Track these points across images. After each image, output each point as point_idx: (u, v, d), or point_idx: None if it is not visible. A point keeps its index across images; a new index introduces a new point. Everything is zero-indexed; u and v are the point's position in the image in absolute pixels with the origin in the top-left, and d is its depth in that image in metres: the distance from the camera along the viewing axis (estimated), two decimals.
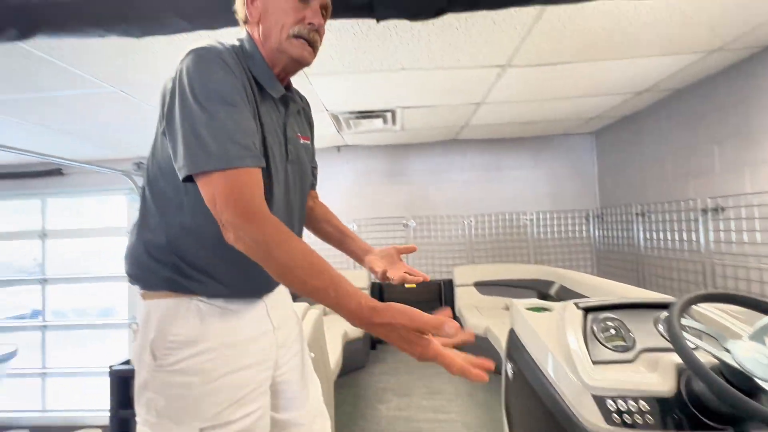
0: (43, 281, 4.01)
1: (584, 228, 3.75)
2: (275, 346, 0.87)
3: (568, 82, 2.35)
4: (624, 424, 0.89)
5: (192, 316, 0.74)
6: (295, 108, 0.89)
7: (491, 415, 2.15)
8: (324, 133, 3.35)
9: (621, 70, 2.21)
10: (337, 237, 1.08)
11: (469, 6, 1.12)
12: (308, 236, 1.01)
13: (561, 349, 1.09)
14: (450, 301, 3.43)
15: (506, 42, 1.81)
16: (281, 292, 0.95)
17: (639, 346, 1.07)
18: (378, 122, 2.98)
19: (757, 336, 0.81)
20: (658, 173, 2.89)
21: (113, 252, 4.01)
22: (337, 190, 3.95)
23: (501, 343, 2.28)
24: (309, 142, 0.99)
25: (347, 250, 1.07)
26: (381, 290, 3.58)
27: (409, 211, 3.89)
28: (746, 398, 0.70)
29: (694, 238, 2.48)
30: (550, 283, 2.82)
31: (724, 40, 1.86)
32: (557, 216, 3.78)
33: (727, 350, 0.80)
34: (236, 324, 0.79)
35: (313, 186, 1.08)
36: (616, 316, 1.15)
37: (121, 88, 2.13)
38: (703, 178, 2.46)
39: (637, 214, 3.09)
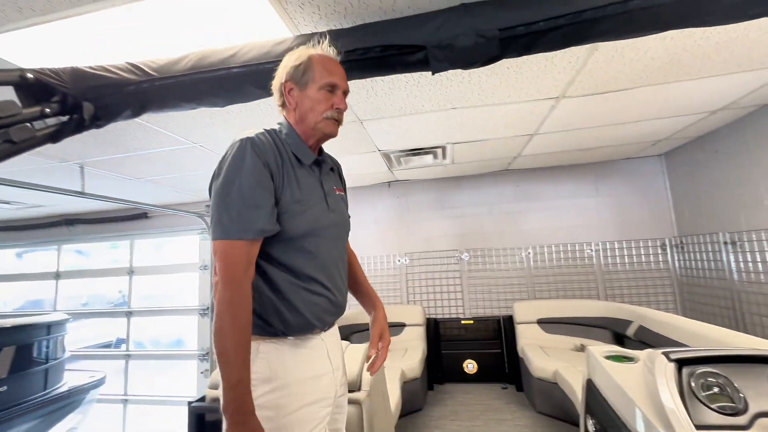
0: (129, 313, 4.46)
1: (660, 258, 3.39)
2: (335, 385, 0.98)
3: (629, 107, 2.23)
4: None
5: (267, 357, 0.87)
6: (327, 167, 1.06)
7: None
8: (375, 171, 3.46)
9: (690, 91, 2.06)
10: (354, 287, 1.22)
11: (523, 51, 1.14)
12: None
13: (653, 407, 0.97)
14: (511, 340, 3.22)
15: (560, 76, 1.79)
16: (336, 334, 1.06)
17: (753, 409, 0.92)
18: (428, 158, 3.02)
19: None
20: (746, 196, 2.57)
21: (187, 286, 4.37)
22: (387, 225, 4.00)
23: (573, 389, 2.08)
24: (343, 194, 1.13)
25: (363, 300, 1.22)
26: (437, 325, 3.47)
27: (462, 244, 3.81)
28: None
29: None
30: (627, 323, 2.55)
31: None
32: (627, 246, 3.47)
33: None
34: (305, 361, 0.91)
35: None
36: (719, 371, 1.00)
37: (200, 144, 2.41)
38: None
39: (725, 243, 2.74)
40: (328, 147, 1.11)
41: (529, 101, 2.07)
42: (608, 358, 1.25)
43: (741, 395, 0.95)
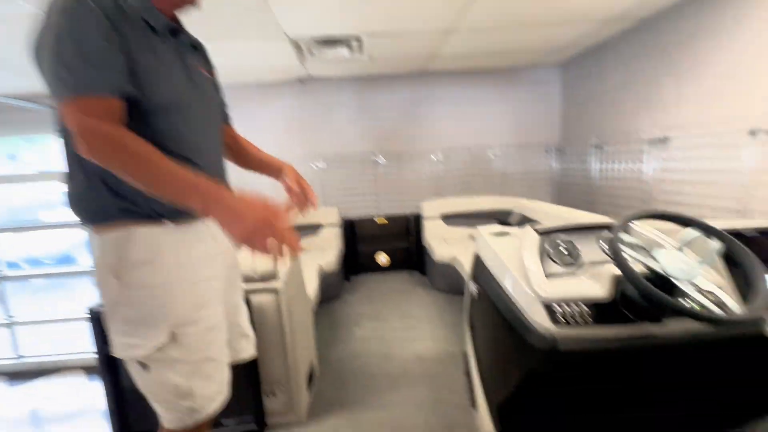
0: None
1: (545, 162, 3.93)
2: (225, 265, 0.99)
3: (539, 6, 2.27)
4: (567, 323, 1.06)
5: (148, 240, 0.82)
6: (186, 40, 0.92)
7: (456, 330, 2.42)
8: (285, 63, 3.10)
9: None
10: (250, 161, 1.17)
11: None
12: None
13: (519, 267, 1.22)
14: (419, 234, 3.61)
15: None
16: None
17: (584, 261, 1.22)
18: (343, 51, 2.78)
19: (683, 246, 0.95)
20: (617, 106, 3.00)
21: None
22: (301, 125, 3.79)
23: (465, 268, 2.49)
24: (212, 77, 1.03)
25: (265, 170, 1.17)
26: (353, 225, 3.66)
27: (378, 147, 3.86)
28: (667, 296, 0.85)
29: (641, 168, 2.69)
30: (510, 213, 3.02)
31: None
32: (521, 150, 3.90)
33: (655, 259, 0.94)
34: (187, 243, 0.88)
35: (226, 121, 1.12)
36: (567, 237, 1.28)
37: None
38: (656, 111, 2.59)
39: (593, 146, 3.26)
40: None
41: None
42: (492, 234, 1.49)
43: (578, 252, 1.24)
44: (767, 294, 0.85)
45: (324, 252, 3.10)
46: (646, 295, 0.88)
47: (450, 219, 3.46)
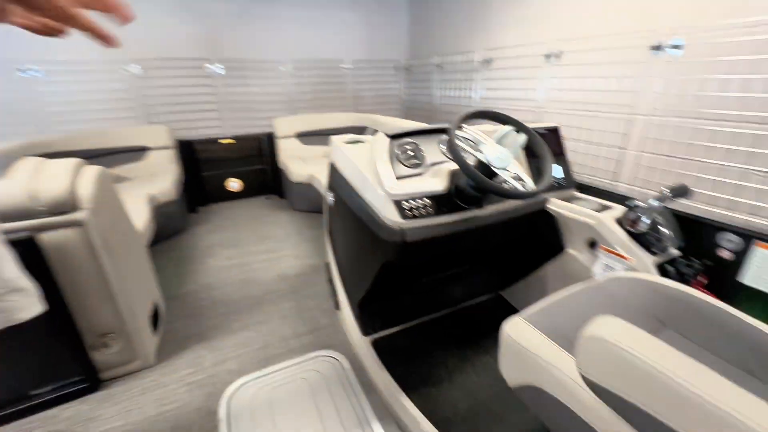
0: None
1: (395, 80, 4.03)
2: None
3: None
4: (413, 216, 1.17)
5: None
6: None
7: (318, 244, 2.47)
8: None
9: None
10: None
11: None
12: None
13: (372, 171, 1.25)
14: (274, 155, 3.35)
15: None
16: None
17: (428, 162, 1.34)
18: None
19: (499, 140, 1.12)
20: (454, 27, 3.20)
21: None
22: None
23: (321, 185, 2.48)
24: None
25: None
26: (192, 148, 3.11)
27: (213, 54, 3.19)
28: (488, 179, 1.01)
29: (471, 88, 3.04)
30: (364, 129, 3.06)
31: None
32: (372, 67, 3.87)
33: (481, 152, 1.09)
34: None
35: None
36: (414, 141, 1.36)
37: None
38: (483, 31, 2.88)
39: (436, 66, 3.48)
40: None
41: None
42: (347, 143, 1.47)
43: (423, 155, 1.35)
44: (551, 176, 1.09)
45: (155, 179, 2.57)
46: (473, 178, 1.02)
47: (305, 137, 3.30)
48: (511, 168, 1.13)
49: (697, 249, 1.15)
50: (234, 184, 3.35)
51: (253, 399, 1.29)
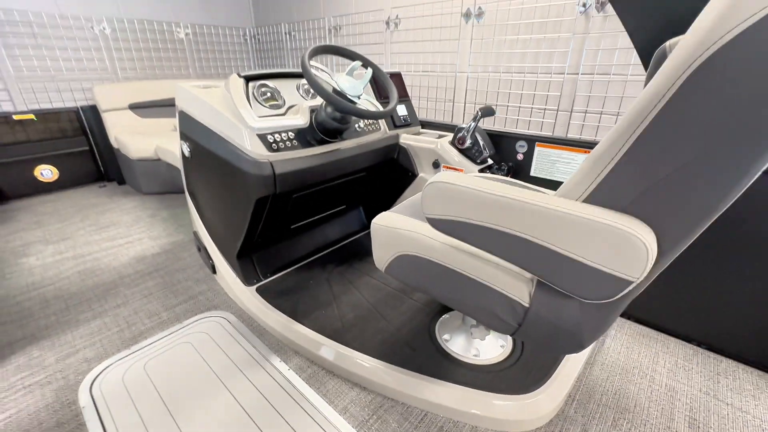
0: None
1: (244, 49, 3.79)
2: None
3: None
4: (279, 149, 1.20)
5: None
6: None
7: (178, 222, 2.22)
8: None
9: None
10: None
11: None
12: None
13: (232, 111, 1.21)
14: (101, 133, 2.78)
15: None
16: None
17: (287, 104, 1.37)
18: None
19: (349, 72, 1.24)
20: None
21: None
22: None
23: (176, 156, 2.23)
24: None
25: None
26: None
27: None
28: (349, 102, 1.12)
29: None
30: None
31: None
32: (215, 32, 3.54)
33: (336, 82, 1.19)
34: None
35: None
36: (271, 84, 1.37)
37: None
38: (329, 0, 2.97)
39: (286, 33, 3.42)
40: None
41: None
42: (197, 88, 1.36)
43: (282, 97, 1.37)
44: (396, 99, 1.27)
45: None
46: (334, 103, 1.12)
47: (143, 110, 2.83)
48: (363, 98, 1.26)
49: (503, 155, 1.53)
50: (47, 173, 2.66)
51: (127, 376, 1.14)
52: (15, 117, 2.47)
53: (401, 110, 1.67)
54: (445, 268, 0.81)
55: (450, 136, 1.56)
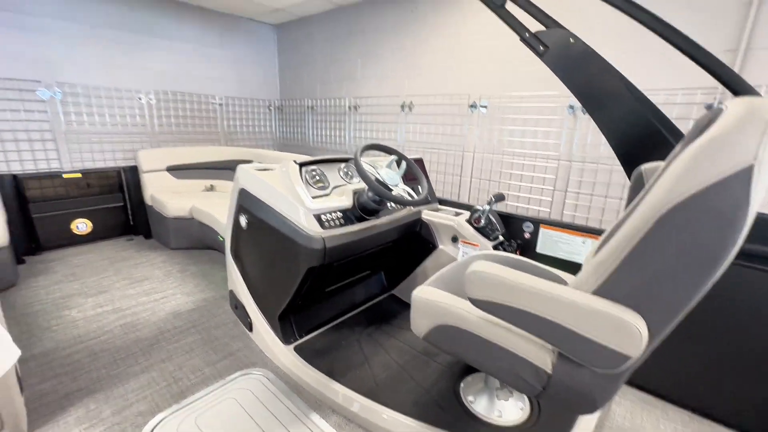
0: None
1: (268, 118, 4.21)
2: None
3: None
4: (329, 227, 1.43)
5: None
6: None
7: (209, 279, 2.38)
8: None
9: None
10: None
11: None
12: None
13: (292, 192, 1.46)
14: (136, 191, 3.02)
15: None
16: None
17: (332, 185, 1.63)
18: None
19: (389, 165, 1.51)
20: (323, 75, 3.67)
21: None
22: None
23: (211, 216, 2.45)
24: None
25: None
26: (17, 184, 2.54)
27: (50, 75, 2.76)
28: (382, 188, 1.38)
29: (343, 129, 3.51)
30: (248, 162, 3.12)
31: None
32: (245, 104, 3.97)
33: (378, 173, 1.45)
34: None
35: None
36: (318, 168, 1.64)
37: None
38: (350, 82, 3.42)
39: (308, 107, 3.85)
40: None
41: None
42: (256, 170, 1.62)
43: (328, 179, 1.64)
44: (426, 188, 1.54)
45: None
46: (377, 191, 1.37)
47: (179, 171, 3.11)
48: (399, 186, 1.53)
49: (512, 233, 1.77)
50: (82, 226, 2.84)
51: (180, 430, 1.24)
52: (65, 176, 2.71)
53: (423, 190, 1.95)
54: (481, 338, 0.99)
55: (465, 213, 1.82)
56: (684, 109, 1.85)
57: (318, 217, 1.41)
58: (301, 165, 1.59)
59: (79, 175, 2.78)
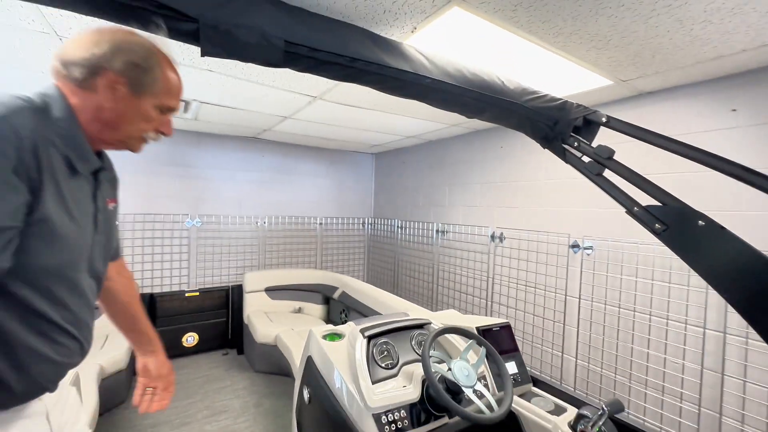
0: None
1: (360, 232, 4.46)
2: None
3: (363, 119, 2.74)
4: (390, 430, 1.23)
5: None
6: (106, 177, 0.86)
7: (277, 419, 2.30)
8: None
9: (400, 121, 2.79)
10: (128, 325, 1.09)
11: (306, 70, 1.16)
12: None
13: (351, 375, 1.34)
14: (238, 308, 3.32)
15: (323, 81, 1.94)
16: (65, 385, 0.86)
17: (401, 361, 1.46)
18: None
19: (463, 356, 1.30)
20: (413, 199, 3.81)
21: None
22: None
23: (289, 349, 2.47)
24: (116, 204, 0.94)
25: (133, 340, 1.12)
26: (153, 301, 3.03)
27: (194, 209, 3.45)
28: (450, 400, 1.14)
29: (430, 243, 3.46)
30: (334, 288, 3.22)
31: (457, 120, 2.69)
32: (341, 221, 4.31)
33: (450, 369, 1.25)
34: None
35: (116, 253, 1.01)
36: (389, 340, 1.51)
37: None
38: (438, 207, 3.45)
39: (398, 227, 3.97)
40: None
41: (291, 92, 2.12)
42: (324, 337, 1.58)
43: (396, 353, 1.48)
44: (511, 399, 1.26)
45: (107, 342, 2.41)
46: (438, 398, 1.16)
47: (273, 292, 3.37)
48: (477, 386, 1.28)
49: None
50: (191, 339, 3.18)
51: None
52: (187, 294, 3.16)
53: (511, 368, 1.63)
54: None
55: (569, 411, 1.42)
56: None
57: (378, 419, 1.23)
58: (370, 338, 1.49)
59: (197, 293, 3.21)
